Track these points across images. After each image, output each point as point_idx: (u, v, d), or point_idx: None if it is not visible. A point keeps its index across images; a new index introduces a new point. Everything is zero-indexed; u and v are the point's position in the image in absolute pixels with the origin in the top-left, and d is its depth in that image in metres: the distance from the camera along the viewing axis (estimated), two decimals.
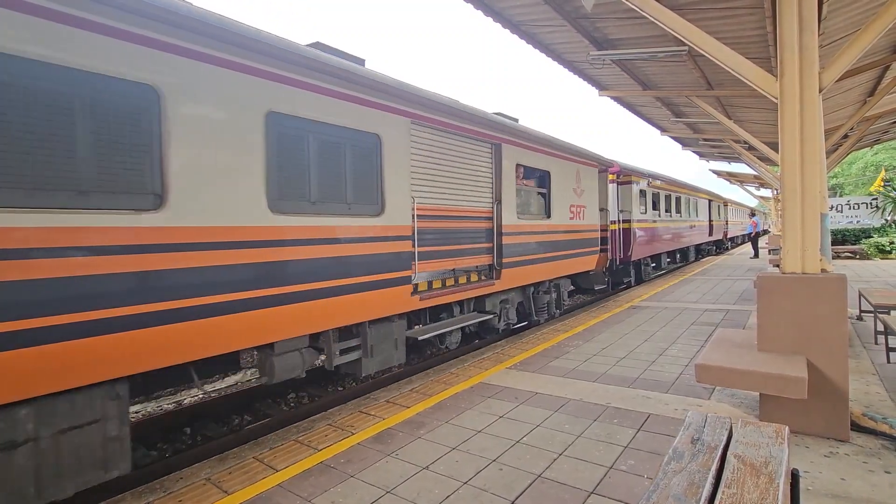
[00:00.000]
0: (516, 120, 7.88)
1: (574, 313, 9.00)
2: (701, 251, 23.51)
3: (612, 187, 11.82)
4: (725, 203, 29.24)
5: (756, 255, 20.51)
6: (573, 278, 9.79)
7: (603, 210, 10.57)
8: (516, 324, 7.92)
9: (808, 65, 3.41)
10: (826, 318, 3.33)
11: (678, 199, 17.33)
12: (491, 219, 6.83)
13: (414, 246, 5.32)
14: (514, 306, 7.77)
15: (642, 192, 13.29)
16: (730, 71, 3.83)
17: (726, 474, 1.60)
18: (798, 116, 3.46)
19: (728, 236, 30.31)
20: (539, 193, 8.11)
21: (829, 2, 5.14)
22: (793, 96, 3.47)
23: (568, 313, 9.46)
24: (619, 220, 12.17)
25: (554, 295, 8.74)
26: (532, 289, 8.06)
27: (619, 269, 12.38)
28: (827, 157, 9.77)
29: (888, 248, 17.67)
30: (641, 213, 12.98)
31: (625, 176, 12.41)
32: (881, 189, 21.42)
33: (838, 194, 33.48)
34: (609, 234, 11.40)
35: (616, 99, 10.06)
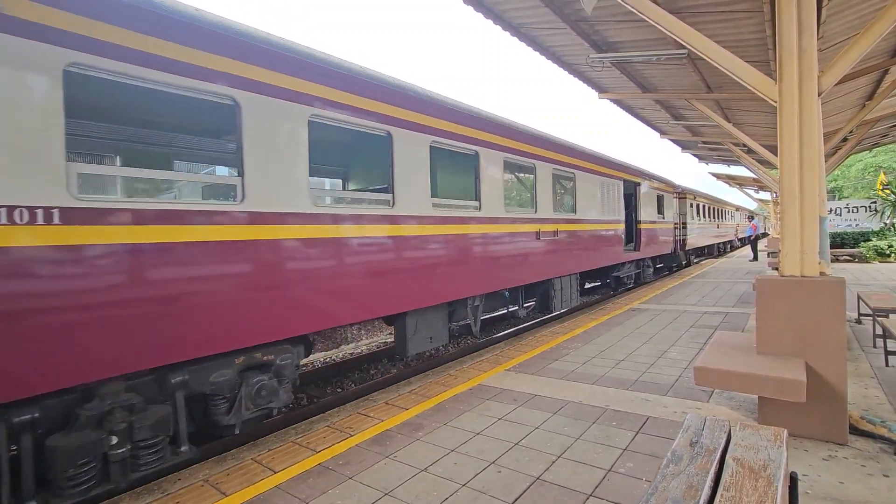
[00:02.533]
0: None
1: (573, 315, 8.99)
2: (618, 280, 12.60)
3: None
4: (682, 195, 18.30)
5: (755, 258, 20.53)
6: None
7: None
8: None
9: (806, 68, 3.42)
10: (824, 321, 3.33)
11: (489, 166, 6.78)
12: None
13: None
14: None
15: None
16: (729, 74, 3.84)
17: (725, 477, 1.60)
18: (797, 120, 3.47)
19: (688, 246, 18.78)
20: None
21: (827, 6, 5.16)
22: (792, 100, 3.48)
23: (567, 315, 9.40)
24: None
25: None
26: None
27: None
28: (826, 160, 9.80)
29: (887, 252, 17.69)
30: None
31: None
32: (881, 192, 21.46)
33: (837, 197, 33.54)
34: None
35: (616, 101, 10.11)
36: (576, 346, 6.26)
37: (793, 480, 1.80)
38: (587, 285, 14.17)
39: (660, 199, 15.02)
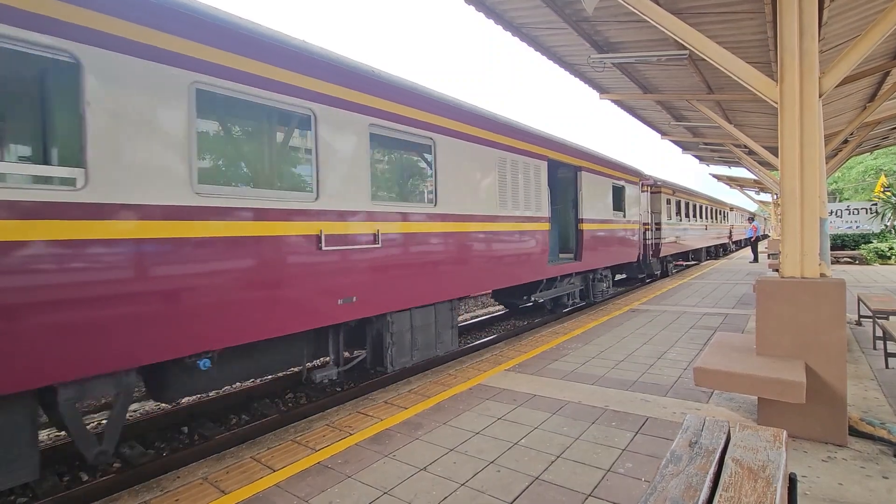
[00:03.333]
0: None
1: (573, 316, 8.99)
2: (545, 302, 9.66)
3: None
4: (655, 189, 15.01)
5: (756, 260, 20.53)
6: None
7: None
8: None
9: (808, 69, 3.42)
10: (825, 322, 3.33)
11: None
12: None
13: None
14: None
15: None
16: (730, 75, 3.84)
17: (724, 478, 1.60)
18: (798, 121, 3.46)
19: (663, 252, 15.18)
20: None
21: (829, 7, 5.16)
22: (793, 101, 3.48)
23: (567, 316, 9.39)
24: None
25: None
26: None
27: None
28: (827, 162, 9.80)
29: (888, 254, 17.68)
30: None
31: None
32: (881, 194, 21.44)
33: (838, 199, 33.50)
34: None
35: (616, 102, 10.11)
36: (575, 347, 6.26)
37: (792, 481, 1.80)
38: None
39: (618, 192, 11.57)
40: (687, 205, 18.69)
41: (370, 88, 5.04)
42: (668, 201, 15.95)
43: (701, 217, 21.33)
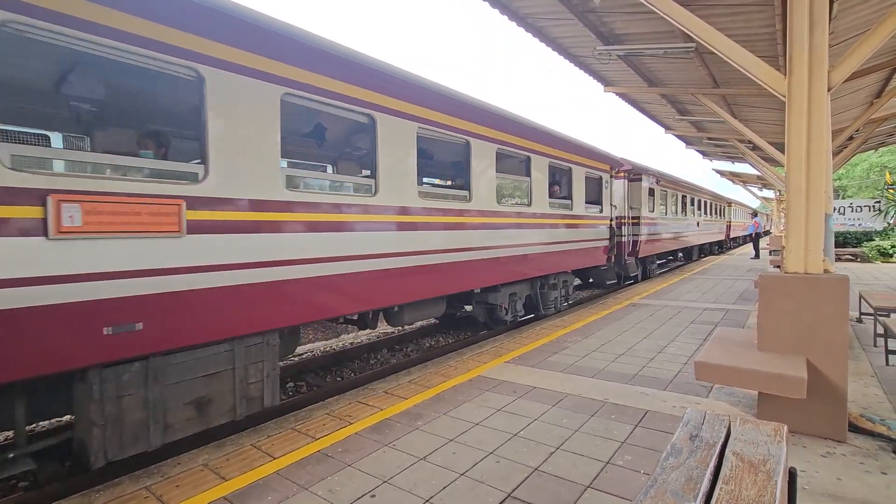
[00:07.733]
0: None
1: (574, 309, 9.00)
2: None
3: None
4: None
5: (757, 256, 20.50)
6: None
7: None
8: None
9: (817, 62, 3.38)
10: (827, 318, 3.32)
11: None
12: None
13: None
14: None
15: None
16: (738, 68, 3.79)
17: (724, 471, 1.60)
18: (805, 114, 3.43)
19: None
20: None
21: (839, 0, 5.09)
22: (801, 94, 3.44)
23: (568, 309, 9.41)
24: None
25: None
26: None
27: None
28: (832, 158, 9.72)
29: (890, 252, 17.63)
30: None
31: None
32: (887, 192, 21.28)
33: (841, 196, 33.35)
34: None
35: (621, 95, 10.03)
36: (575, 340, 6.27)
37: (792, 476, 1.80)
38: None
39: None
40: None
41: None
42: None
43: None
